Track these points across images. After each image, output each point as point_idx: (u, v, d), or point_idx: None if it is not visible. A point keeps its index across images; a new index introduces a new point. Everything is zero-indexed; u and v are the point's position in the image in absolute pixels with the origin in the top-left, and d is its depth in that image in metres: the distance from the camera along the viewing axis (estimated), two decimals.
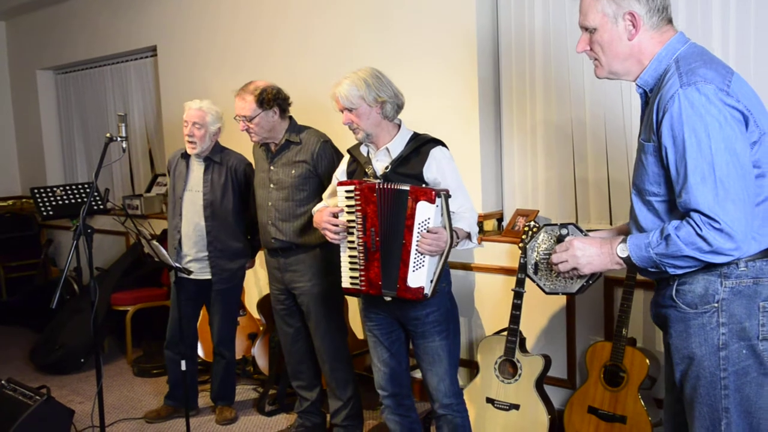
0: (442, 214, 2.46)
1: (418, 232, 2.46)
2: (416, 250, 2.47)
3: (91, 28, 5.99)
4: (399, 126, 2.73)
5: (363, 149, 2.75)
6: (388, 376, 2.82)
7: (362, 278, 2.59)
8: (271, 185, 3.34)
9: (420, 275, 2.49)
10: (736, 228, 1.70)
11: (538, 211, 3.61)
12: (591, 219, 3.49)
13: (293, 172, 3.28)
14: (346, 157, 2.87)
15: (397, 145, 2.68)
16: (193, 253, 3.74)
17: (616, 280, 3.29)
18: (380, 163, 2.69)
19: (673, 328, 1.90)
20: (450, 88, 3.67)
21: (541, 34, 3.51)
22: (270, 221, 3.35)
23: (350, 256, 2.63)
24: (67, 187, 5.26)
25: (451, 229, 2.48)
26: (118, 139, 3.37)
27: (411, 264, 2.48)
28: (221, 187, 3.69)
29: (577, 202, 3.55)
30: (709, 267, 1.80)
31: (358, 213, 2.55)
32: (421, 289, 2.49)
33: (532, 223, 2.23)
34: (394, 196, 2.49)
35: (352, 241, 2.60)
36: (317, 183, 3.28)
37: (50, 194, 5.15)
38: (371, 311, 2.79)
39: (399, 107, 2.71)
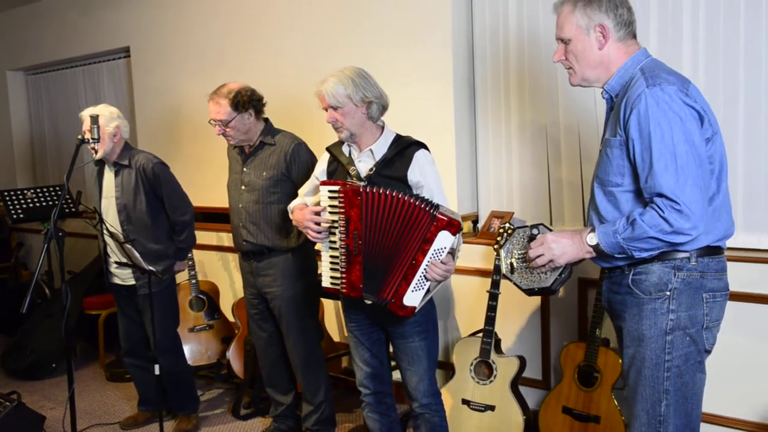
0: (453, 245, 2.48)
1: (431, 258, 2.45)
2: (423, 274, 2.47)
3: (63, 28, 5.91)
4: (382, 128, 2.71)
5: (345, 149, 2.73)
6: (370, 375, 2.83)
7: (343, 280, 2.58)
8: (243, 187, 3.32)
9: (417, 296, 2.50)
10: (694, 209, 1.91)
11: (513, 213, 3.63)
12: (565, 220, 3.52)
13: (265, 174, 3.26)
14: (326, 156, 2.83)
15: (381, 147, 2.66)
16: (117, 259, 3.58)
17: (589, 282, 3.32)
18: (363, 164, 2.67)
19: (627, 312, 2.11)
20: (426, 91, 3.67)
21: (516, 39, 3.53)
22: (241, 224, 3.32)
23: (331, 256, 2.61)
24: (38, 190, 5.19)
25: (455, 258, 2.52)
26: (90, 140, 3.33)
27: (413, 284, 2.48)
28: (132, 190, 3.57)
29: (551, 204, 3.58)
30: (663, 259, 2.02)
31: (341, 215, 2.53)
32: (413, 308, 2.51)
33: (507, 225, 2.28)
34: (410, 210, 2.44)
35: (334, 242, 2.58)
36: (290, 186, 3.25)
37: (20, 197, 5.07)
38: (351, 312, 2.79)
39: (384, 108, 2.69)
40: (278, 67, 4.33)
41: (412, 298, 2.49)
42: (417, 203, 2.43)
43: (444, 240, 2.43)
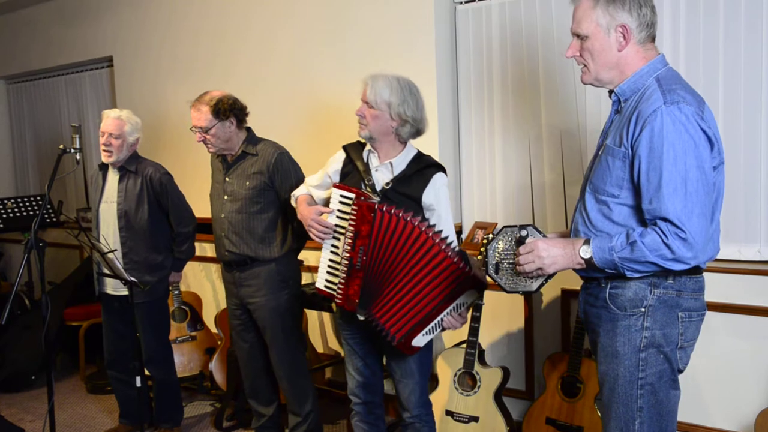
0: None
1: (451, 309, 2.50)
2: (439, 321, 2.52)
3: (45, 38, 5.88)
4: (406, 143, 2.67)
5: (364, 154, 2.67)
6: (362, 385, 2.82)
7: (340, 290, 2.56)
8: (226, 197, 3.30)
9: (425, 339, 2.55)
10: (698, 239, 1.83)
11: (497, 223, 3.64)
12: (548, 230, 3.53)
13: (248, 183, 3.25)
14: (341, 155, 2.76)
15: (401, 162, 2.63)
16: (101, 269, 3.56)
17: (573, 293, 3.34)
18: (381, 175, 2.63)
19: (602, 327, 2.05)
20: None
21: (499, 48, 3.56)
22: (223, 233, 3.31)
23: (331, 260, 2.59)
24: (19, 200, 5.14)
25: None
26: (72, 150, 3.31)
27: (427, 329, 2.53)
28: (136, 197, 3.56)
29: (534, 215, 3.60)
30: (642, 276, 1.94)
31: (351, 226, 2.49)
32: (419, 348, 2.57)
33: (491, 235, 2.28)
34: (432, 252, 2.43)
35: (337, 246, 2.57)
36: (273, 195, 3.24)
37: (1, 206, 5.02)
38: (346, 321, 2.78)
39: (417, 133, 2.65)
40: (264, 77, 4.33)
41: (421, 340, 2.54)
42: (444, 249, 2.42)
43: (470, 296, 2.50)
